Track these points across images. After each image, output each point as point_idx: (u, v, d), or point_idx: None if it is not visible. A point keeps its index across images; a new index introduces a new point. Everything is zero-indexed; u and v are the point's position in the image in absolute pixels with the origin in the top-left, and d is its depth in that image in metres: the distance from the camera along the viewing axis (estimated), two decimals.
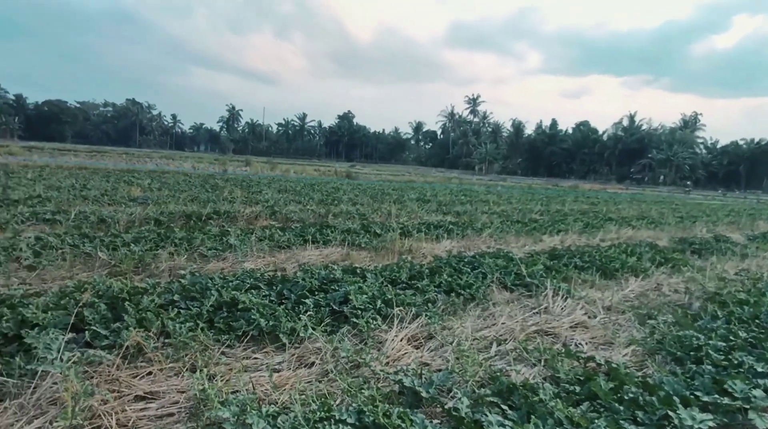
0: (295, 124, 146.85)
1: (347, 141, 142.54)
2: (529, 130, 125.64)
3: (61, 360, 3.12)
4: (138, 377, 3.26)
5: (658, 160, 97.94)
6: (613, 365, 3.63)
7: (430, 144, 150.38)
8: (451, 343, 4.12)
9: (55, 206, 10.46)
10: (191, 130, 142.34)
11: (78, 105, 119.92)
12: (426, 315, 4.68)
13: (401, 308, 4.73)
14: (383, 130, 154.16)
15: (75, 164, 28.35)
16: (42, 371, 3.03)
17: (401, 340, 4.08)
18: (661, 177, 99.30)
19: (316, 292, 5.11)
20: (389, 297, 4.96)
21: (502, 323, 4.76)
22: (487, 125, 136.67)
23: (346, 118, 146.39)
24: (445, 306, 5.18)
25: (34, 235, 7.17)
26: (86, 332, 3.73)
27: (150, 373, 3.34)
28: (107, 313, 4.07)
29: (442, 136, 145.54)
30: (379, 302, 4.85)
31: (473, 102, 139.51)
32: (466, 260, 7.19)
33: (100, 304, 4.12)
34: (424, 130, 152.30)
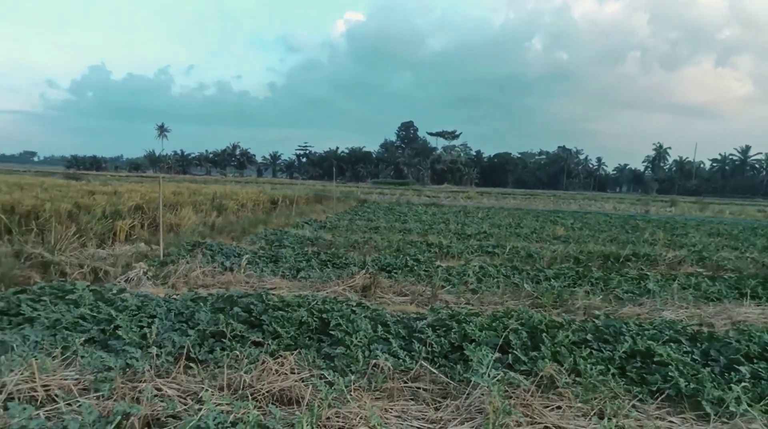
0: (734, 158, 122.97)
1: None
2: None
3: (489, 376, 3.46)
4: (548, 408, 3.29)
5: None
6: None
7: None
8: None
9: (495, 241, 11.91)
10: (614, 172, 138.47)
11: (519, 155, 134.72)
12: None
13: None
14: None
15: (512, 206, 31.75)
16: (474, 381, 3.43)
17: None
18: None
19: (755, 360, 4.05)
20: None
21: None
22: None
23: None
24: None
25: (478, 264, 8.33)
26: (509, 355, 4.03)
27: (559, 407, 3.32)
28: (527, 341, 4.31)
29: None
30: None
31: None
32: None
33: (522, 331, 4.40)
34: None
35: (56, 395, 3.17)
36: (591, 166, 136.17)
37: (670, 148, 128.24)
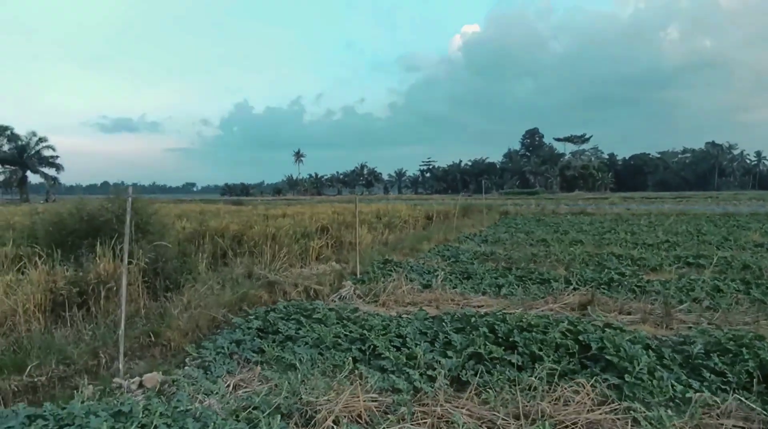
0: None
1: None
2: None
3: None
4: None
5: None
6: None
7: None
8: None
9: (690, 250, 10.56)
10: None
11: (659, 155, 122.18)
12: None
13: None
14: None
15: (669, 210, 28.55)
16: None
17: None
18: None
19: None
20: None
21: None
22: None
23: None
24: None
25: (707, 278, 7.28)
26: None
27: None
28: None
29: None
30: None
31: None
32: None
33: None
34: None
35: (360, 417, 3.19)
36: (748, 161, 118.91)
37: None
